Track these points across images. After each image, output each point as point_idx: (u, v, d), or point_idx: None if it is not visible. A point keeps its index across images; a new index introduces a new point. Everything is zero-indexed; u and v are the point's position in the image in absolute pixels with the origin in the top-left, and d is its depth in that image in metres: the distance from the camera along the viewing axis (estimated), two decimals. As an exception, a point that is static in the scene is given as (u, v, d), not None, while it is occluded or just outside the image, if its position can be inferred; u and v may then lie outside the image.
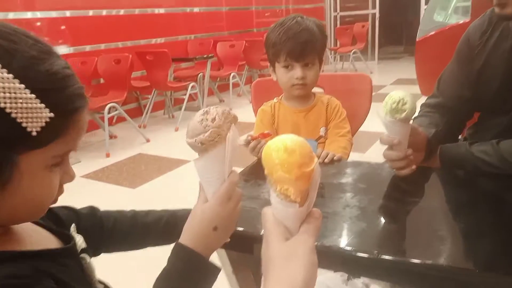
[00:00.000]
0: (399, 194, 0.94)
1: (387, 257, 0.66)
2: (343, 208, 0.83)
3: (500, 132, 0.99)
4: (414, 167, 0.94)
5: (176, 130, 4.25)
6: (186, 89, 4.37)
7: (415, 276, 0.66)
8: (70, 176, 0.54)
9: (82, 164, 3.26)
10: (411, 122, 0.93)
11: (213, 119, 0.54)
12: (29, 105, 0.43)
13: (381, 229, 0.79)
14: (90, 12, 4.45)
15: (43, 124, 0.44)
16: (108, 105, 3.53)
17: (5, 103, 0.42)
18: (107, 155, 3.51)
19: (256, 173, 1.06)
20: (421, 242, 0.71)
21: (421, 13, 7.41)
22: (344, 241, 0.72)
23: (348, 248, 0.70)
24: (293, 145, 0.49)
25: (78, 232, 0.63)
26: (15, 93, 0.42)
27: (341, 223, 0.79)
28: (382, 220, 0.82)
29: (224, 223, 0.59)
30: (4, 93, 0.42)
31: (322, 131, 1.27)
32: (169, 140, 3.98)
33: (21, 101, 0.43)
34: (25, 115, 0.43)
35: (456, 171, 0.97)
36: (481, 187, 0.91)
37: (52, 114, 0.45)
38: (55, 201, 0.53)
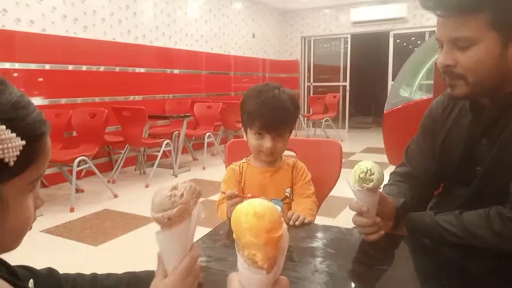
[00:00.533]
0: (368, 260, 0.94)
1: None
2: (312, 274, 0.82)
3: (463, 203, 1.03)
4: (382, 232, 0.96)
5: (147, 186, 4.17)
6: (160, 146, 4.37)
7: None
8: (41, 200, 0.55)
9: (44, 218, 3.10)
10: (380, 190, 0.97)
11: (182, 195, 0.55)
12: (2, 136, 0.44)
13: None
14: (70, 67, 4.51)
15: (18, 153, 0.45)
16: (78, 158, 3.45)
17: None
18: (71, 210, 3.37)
19: (225, 234, 1.04)
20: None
21: (388, 87, 7.93)
22: (312, 308, 0.71)
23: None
24: (263, 210, 0.50)
25: None
26: None
27: (309, 289, 0.78)
28: (351, 287, 0.81)
29: None
30: None
31: (287, 192, 1.30)
32: (138, 196, 3.88)
33: None
34: (0, 146, 0.44)
35: (423, 239, 0.99)
36: (446, 256, 0.92)
37: (23, 142, 0.46)
38: (30, 228, 0.54)
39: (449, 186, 1.15)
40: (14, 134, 0.45)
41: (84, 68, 4.66)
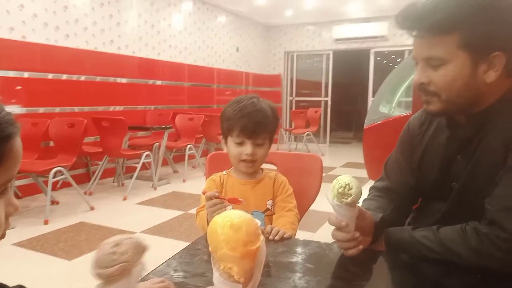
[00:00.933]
0: (347, 276, 0.93)
1: None
2: (290, 289, 0.81)
3: (440, 218, 1.04)
4: (361, 247, 0.96)
5: (125, 199, 4.09)
6: (140, 158, 4.30)
7: None
8: (14, 207, 0.52)
9: (16, 231, 3.00)
10: (359, 205, 0.97)
11: (123, 253, 0.54)
12: None
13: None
14: (50, 75, 4.42)
15: None
16: (54, 169, 3.36)
17: None
18: (45, 222, 3.26)
19: (203, 248, 1.02)
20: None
21: (368, 103, 8.07)
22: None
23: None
24: (240, 222, 0.49)
25: None
26: None
27: (288, 305, 0.77)
28: (329, 303, 0.81)
29: None
30: None
31: (269, 204, 1.29)
32: (115, 209, 3.79)
33: None
34: None
35: (402, 255, 0.99)
36: (425, 272, 0.93)
37: None
38: (2, 236, 0.51)
39: (427, 201, 1.17)
40: None
41: (64, 77, 4.58)
